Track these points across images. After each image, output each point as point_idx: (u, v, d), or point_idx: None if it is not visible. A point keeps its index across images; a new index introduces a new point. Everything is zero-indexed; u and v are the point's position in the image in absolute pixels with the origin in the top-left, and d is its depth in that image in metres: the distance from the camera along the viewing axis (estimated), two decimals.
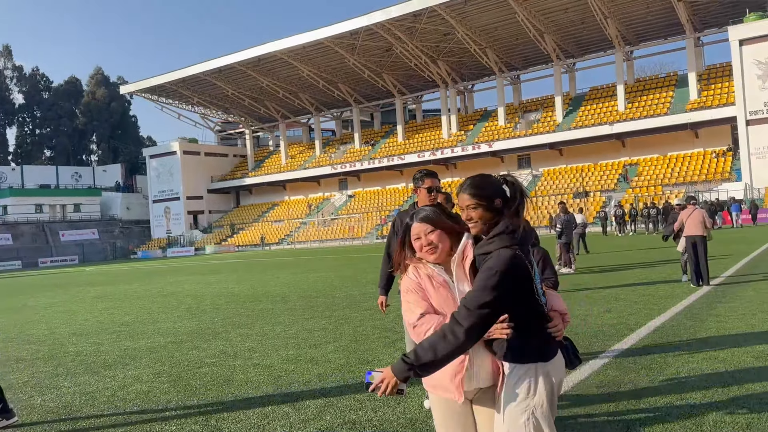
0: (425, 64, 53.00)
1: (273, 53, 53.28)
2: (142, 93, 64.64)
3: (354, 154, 61.37)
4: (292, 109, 66.52)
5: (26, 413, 5.46)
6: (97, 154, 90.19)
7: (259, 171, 68.26)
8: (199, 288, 18.02)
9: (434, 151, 53.46)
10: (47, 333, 10.62)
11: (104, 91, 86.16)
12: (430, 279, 2.47)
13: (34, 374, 7.17)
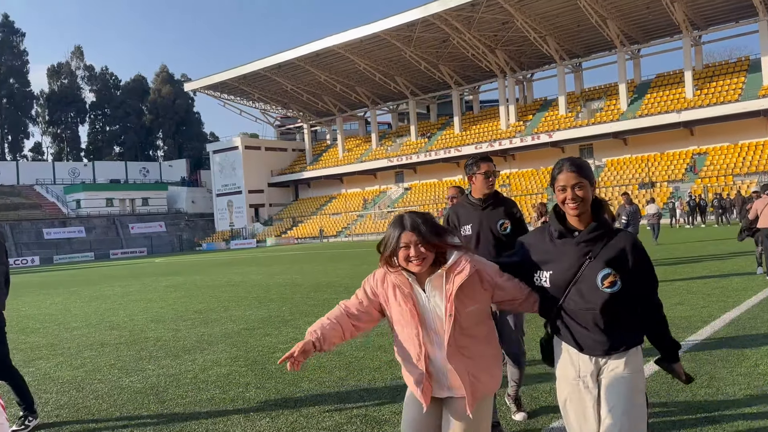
0: (483, 54, 52.42)
1: (330, 48, 53.86)
2: (205, 90, 66.60)
3: (410, 147, 61.43)
4: (349, 103, 67.12)
5: (116, 393, 5.84)
6: (163, 150, 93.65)
7: (317, 165, 69.28)
8: (264, 278, 18.55)
9: (492, 142, 52.88)
10: (127, 320, 11.23)
11: (169, 89, 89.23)
12: (394, 289, 2.50)
13: (119, 358, 7.63)
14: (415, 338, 2.49)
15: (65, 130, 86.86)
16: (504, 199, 4.28)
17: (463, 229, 4.25)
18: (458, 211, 4.32)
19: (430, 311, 2.46)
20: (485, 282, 2.45)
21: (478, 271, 2.44)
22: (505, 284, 2.50)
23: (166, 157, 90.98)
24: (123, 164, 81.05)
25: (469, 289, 2.41)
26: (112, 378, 6.51)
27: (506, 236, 4.11)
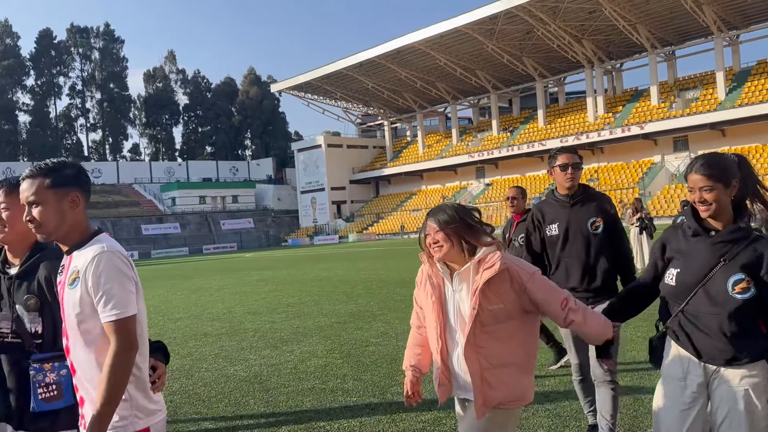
0: (569, 45, 50.83)
1: (411, 44, 53.96)
2: (290, 90, 68.50)
3: (491, 142, 60.58)
4: (429, 99, 67.01)
5: (223, 381, 6.20)
6: (251, 149, 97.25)
7: (397, 161, 69.68)
8: (350, 273, 18.94)
9: (578, 135, 51.22)
10: (225, 311, 11.82)
11: (257, 90, 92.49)
12: (427, 279, 2.57)
13: (222, 347, 8.07)
14: (434, 331, 2.52)
15: (161, 131, 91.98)
16: (596, 194, 3.92)
17: (549, 229, 3.87)
18: (543, 209, 3.97)
19: (454, 305, 2.47)
20: (514, 282, 2.38)
21: (508, 269, 2.39)
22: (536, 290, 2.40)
23: (253, 156, 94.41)
24: (214, 163, 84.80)
25: (497, 285, 2.37)
26: (218, 367, 6.91)
27: (598, 236, 3.74)
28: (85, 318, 2.09)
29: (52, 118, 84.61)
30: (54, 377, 2.29)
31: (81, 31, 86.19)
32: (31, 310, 2.33)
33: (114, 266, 2.07)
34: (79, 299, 2.08)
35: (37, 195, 2.12)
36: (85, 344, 2.12)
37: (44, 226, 2.14)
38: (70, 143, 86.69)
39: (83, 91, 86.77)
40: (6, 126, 79.81)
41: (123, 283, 2.07)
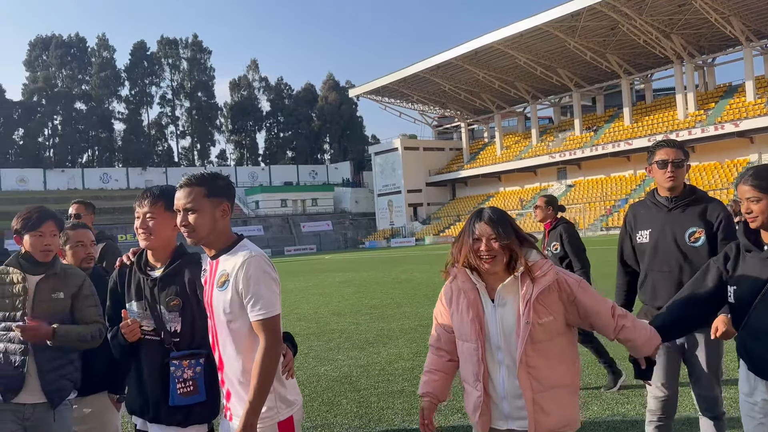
0: (656, 40, 48.65)
1: (489, 45, 53.34)
2: (367, 95, 69.39)
3: (574, 142, 58.86)
4: (508, 99, 65.98)
5: (314, 381, 6.40)
6: (330, 153, 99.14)
7: (474, 163, 69.02)
8: (430, 276, 18.96)
9: (667, 133, 48.82)
10: (311, 312, 12.16)
11: (335, 95, 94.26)
12: (459, 295, 2.32)
13: (311, 347, 8.32)
14: (474, 354, 2.27)
15: (245, 137, 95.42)
16: (703, 198, 3.31)
17: (639, 235, 3.36)
18: (637, 211, 3.46)
19: (496, 323, 2.24)
20: (563, 292, 2.22)
21: (558, 279, 2.22)
22: (586, 298, 2.24)
23: (332, 159, 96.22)
24: (295, 167, 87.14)
25: (546, 297, 2.20)
26: (308, 366, 7.13)
27: (696, 250, 3.16)
28: (234, 317, 2.29)
29: (144, 126, 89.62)
30: (191, 373, 2.45)
31: (170, 43, 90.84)
32: (172, 310, 2.51)
33: (262, 269, 2.28)
34: (229, 300, 2.28)
35: (194, 202, 2.32)
36: (233, 342, 2.31)
37: (197, 232, 2.34)
38: (162, 150, 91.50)
39: (173, 100, 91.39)
40: (103, 134, 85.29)
41: (269, 285, 2.28)
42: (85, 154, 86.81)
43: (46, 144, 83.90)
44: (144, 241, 2.54)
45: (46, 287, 2.94)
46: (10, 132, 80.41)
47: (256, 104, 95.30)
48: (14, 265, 2.95)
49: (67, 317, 2.97)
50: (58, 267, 3.02)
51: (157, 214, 2.53)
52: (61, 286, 2.98)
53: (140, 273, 2.60)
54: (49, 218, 2.95)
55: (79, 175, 75.26)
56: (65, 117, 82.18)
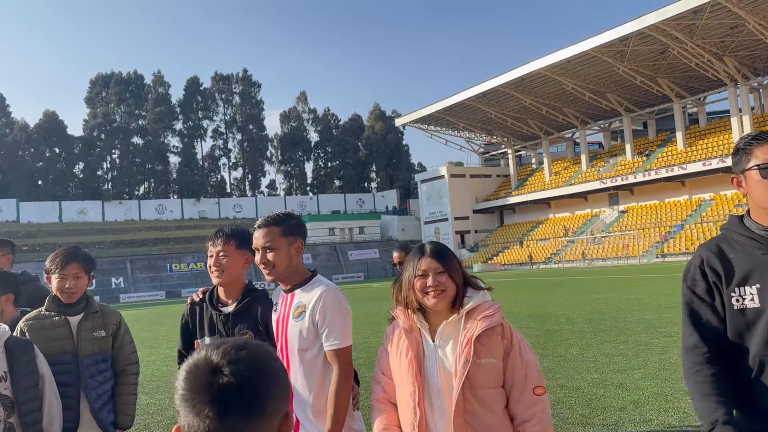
0: (708, 63, 47.56)
1: (536, 71, 53.18)
2: (413, 124, 69.95)
3: (625, 167, 57.63)
4: (555, 125, 65.37)
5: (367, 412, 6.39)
6: (376, 182, 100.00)
7: (522, 189, 68.31)
8: None
9: (723, 157, 47.36)
10: (362, 342, 12.17)
11: (381, 125, 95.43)
12: (399, 336, 2.18)
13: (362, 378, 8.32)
14: (411, 400, 2.10)
15: (294, 167, 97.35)
16: None
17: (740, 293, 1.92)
18: (724, 253, 2.01)
19: (436, 366, 2.10)
20: (505, 338, 2.10)
21: (504, 324, 2.12)
22: (520, 356, 2.08)
23: (378, 188, 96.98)
24: (342, 196, 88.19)
25: (490, 338, 2.07)
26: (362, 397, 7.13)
27: None
28: (309, 346, 2.43)
29: (198, 158, 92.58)
30: None
31: (223, 78, 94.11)
32: None
33: (338, 302, 2.44)
34: (306, 330, 2.42)
35: (272, 241, 2.49)
36: (305, 372, 2.43)
37: (276, 268, 2.50)
38: (215, 181, 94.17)
39: (225, 132, 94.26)
40: (158, 167, 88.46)
41: (344, 317, 2.43)
42: (141, 186, 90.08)
43: (105, 177, 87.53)
44: (217, 278, 2.70)
45: (87, 327, 3.04)
46: (71, 166, 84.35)
47: (305, 135, 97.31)
48: (53, 309, 3.04)
49: (109, 355, 3.11)
50: (95, 306, 3.14)
51: (229, 253, 2.69)
52: (101, 325, 3.09)
53: (212, 309, 2.74)
54: (73, 260, 3.02)
55: (135, 207, 78.04)
56: (123, 151, 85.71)
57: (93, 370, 3.02)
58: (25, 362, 2.62)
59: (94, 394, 2.99)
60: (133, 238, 69.94)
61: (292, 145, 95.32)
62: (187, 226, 75.68)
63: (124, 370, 3.18)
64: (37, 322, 3.01)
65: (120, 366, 3.17)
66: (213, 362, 0.96)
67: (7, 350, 2.59)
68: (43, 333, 2.97)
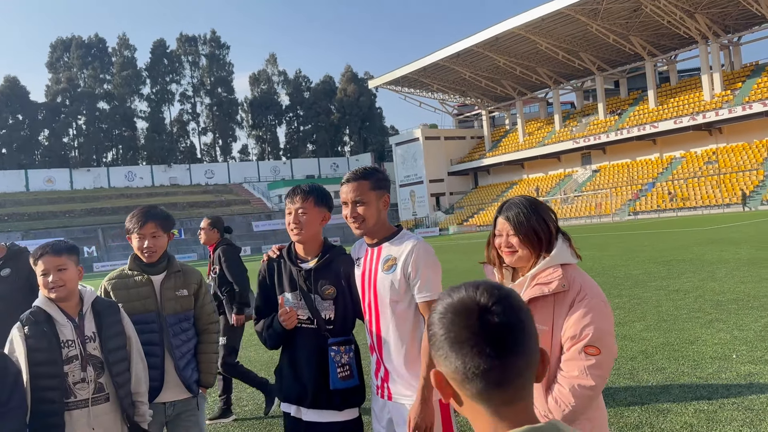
0: (680, 20, 47.82)
1: (510, 30, 52.84)
2: (386, 85, 69.21)
3: (598, 126, 58.18)
4: (529, 85, 65.39)
5: None
6: (350, 145, 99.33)
7: (496, 151, 68.59)
8: (456, 266, 18.90)
9: (694, 115, 48.13)
10: None
11: (354, 87, 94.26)
12: None
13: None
14: None
15: (266, 132, 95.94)
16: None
17: None
18: None
19: None
20: (566, 301, 2.02)
21: (558, 295, 2.03)
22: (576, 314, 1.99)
23: (352, 152, 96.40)
24: (316, 161, 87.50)
25: (542, 305, 2.03)
26: None
27: None
28: (400, 298, 2.45)
29: (166, 123, 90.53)
30: (347, 359, 2.60)
31: (189, 40, 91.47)
32: (326, 299, 2.66)
33: (429, 255, 2.47)
34: (398, 282, 2.44)
35: (362, 195, 2.52)
36: (397, 323, 2.47)
37: (366, 222, 2.52)
38: (185, 146, 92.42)
39: (193, 96, 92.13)
40: (126, 133, 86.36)
41: (435, 270, 2.48)
42: (109, 153, 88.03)
43: (71, 144, 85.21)
44: (297, 235, 2.69)
45: (170, 286, 3.02)
46: (35, 133, 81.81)
47: (276, 98, 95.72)
48: (135, 269, 3.02)
49: (191, 314, 3.10)
50: (177, 265, 3.11)
51: (308, 210, 2.68)
52: (183, 284, 3.07)
53: (292, 265, 2.73)
54: (150, 219, 3.00)
55: (104, 174, 76.38)
56: (89, 117, 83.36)
57: (176, 329, 3.01)
58: (112, 323, 2.65)
59: (178, 353, 2.99)
60: (103, 206, 68.58)
61: (262, 109, 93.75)
62: (158, 193, 74.40)
63: (206, 328, 3.18)
64: (120, 281, 3.00)
65: (202, 325, 3.17)
66: (482, 303, 0.97)
67: (95, 311, 2.62)
68: (127, 292, 2.95)
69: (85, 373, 2.53)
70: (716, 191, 43.36)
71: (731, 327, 6.86)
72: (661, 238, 22.83)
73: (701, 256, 14.51)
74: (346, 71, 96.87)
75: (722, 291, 9.28)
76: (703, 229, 25.11)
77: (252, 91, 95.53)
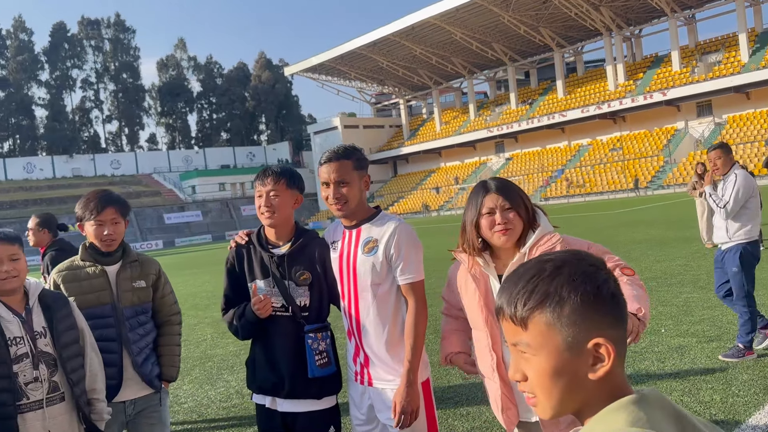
0: (586, 12, 50.01)
1: (426, 20, 53.39)
2: (303, 73, 68.23)
3: (510, 115, 60.07)
4: (445, 75, 66.45)
5: None
6: (266, 134, 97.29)
7: (415, 139, 69.39)
8: None
9: (600, 104, 50.61)
10: None
11: (269, 74, 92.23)
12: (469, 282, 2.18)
13: None
14: (485, 344, 2.13)
15: (176, 120, 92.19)
16: None
17: None
18: None
19: None
20: None
21: (579, 243, 2.10)
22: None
23: (269, 140, 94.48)
24: (231, 150, 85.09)
25: None
26: None
27: None
28: (382, 281, 2.38)
29: (68, 111, 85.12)
30: (324, 346, 2.51)
31: (92, 23, 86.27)
32: (301, 285, 2.53)
33: (411, 236, 2.42)
34: (379, 264, 2.36)
35: (345, 175, 2.40)
36: (378, 306, 2.39)
37: (349, 203, 2.42)
38: (88, 136, 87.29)
39: (97, 83, 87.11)
40: (24, 121, 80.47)
41: (418, 251, 2.43)
42: (6, 144, 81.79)
43: None
44: (268, 219, 2.55)
45: (126, 276, 2.81)
46: None
47: (186, 84, 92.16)
48: (87, 259, 2.79)
49: (149, 306, 2.90)
50: (134, 255, 2.89)
51: (280, 192, 2.54)
52: (140, 275, 2.87)
53: (263, 251, 2.58)
54: (110, 204, 2.78)
55: (0, 166, 70.89)
56: None
57: (134, 323, 2.80)
58: (63, 317, 2.43)
59: (135, 348, 2.78)
60: (0, 200, 63.67)
61: (172, 96, 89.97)
62: (60, 185, 69.94)
63: (168, 320, 2.98)
64: (70, 273, 2.75)
65: (163, 317, 2.97)
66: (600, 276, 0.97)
67: (43, 305, 2.41)
68: (79, 285, 2.72)
69: (37, 371, 2.33)
70: (621, 177, 45.87)
71: (655, 303, 7.16)
72: (573, 222, 23.82)
73: (614, 238, 15.21)
74: (260, 57, 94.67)
75: (640, 270, 9.70)
76: (613, 213, 26.46)
77: (160, 78, 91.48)
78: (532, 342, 0.96)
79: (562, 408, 0.97)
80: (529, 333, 0.96)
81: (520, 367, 1.00)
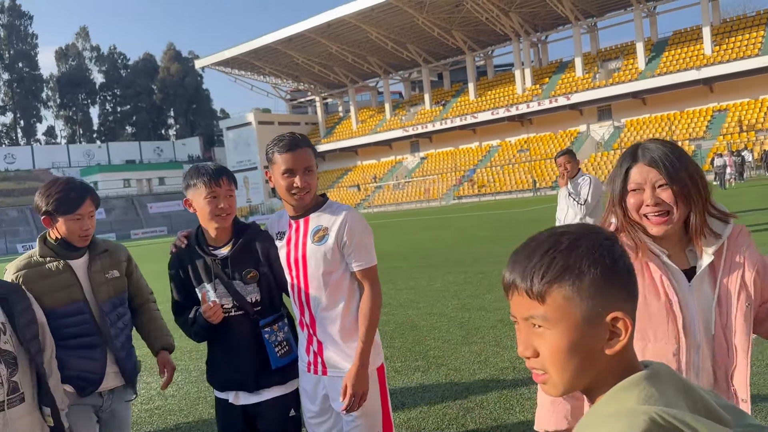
0: (497, 18, 51.77)
1: (342, 18, 53.34)
2: (215, 66, 66.26)
3: (425, 116, 61.17)
4: (361, 73, 66.67)
5: None
6: (175, 129, 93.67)
7: (331, 138, 69.17)
8: None
9: (509, 107, 52.56)
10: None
11: (178, 67, 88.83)
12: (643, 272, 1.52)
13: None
14: (672, 358, 1.50)
15: (77, 112, 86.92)
16: None
17: None
18: None
19: (694, 310, 1.50)
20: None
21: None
22: None
23: (178, 135, 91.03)
24: (137, 144, 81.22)
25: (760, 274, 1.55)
26: None
27: None
28: (333, 269, 2.36)
29: None
30: (282, 335, 2.51)
31: None
32: (249, 282, 2.49)
33: (362, 223, 2.41)
34: (330, 252, 2.34)
35: (311, 162, 2.38)
36: (330, 294, 2.37)
37: (311, 191, 2.40)
38: None
39: None
40: None
41: (369, 237, 2.43)
42: None
43: None
44: (224, 221, 2.48)
45: (98, 268, 2.62)
46: None
47: (88, 75, 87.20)
48: (48, 254, 2.55)
49: (125, 296, 2.77)
50: (101, 244, 2.71)
51: (233, 192, 2.52)
52: (111, 264, 2.70)
53: (204, 254, 2.50)
54: (88, 196, 2.58)
55: None
56: None
57: (113, 317, 2.64)
58: (22, 310, 2.20)
59: (118, 343, 2.63)
60: None
61: (72, 87, 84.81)
62: None
63: (147, 299, 2.91)
64: (32, 272, 2.50)
65: (141, 300, 2.89)
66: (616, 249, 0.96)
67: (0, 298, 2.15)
68: (46, 283, 2.48)
69: None
70: (527, 177, 47.85)
71: None
72: (487, 219, 24.60)
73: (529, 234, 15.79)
74: (169, 49, 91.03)
75: None
76: (523, 210, 27.53)
77: (59, 67, 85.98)
78: (550, 315, 0.93)
79: (574, 384, 0.95)
80: (546, 306, 0.94)
81: (531, 342, 0.97)
